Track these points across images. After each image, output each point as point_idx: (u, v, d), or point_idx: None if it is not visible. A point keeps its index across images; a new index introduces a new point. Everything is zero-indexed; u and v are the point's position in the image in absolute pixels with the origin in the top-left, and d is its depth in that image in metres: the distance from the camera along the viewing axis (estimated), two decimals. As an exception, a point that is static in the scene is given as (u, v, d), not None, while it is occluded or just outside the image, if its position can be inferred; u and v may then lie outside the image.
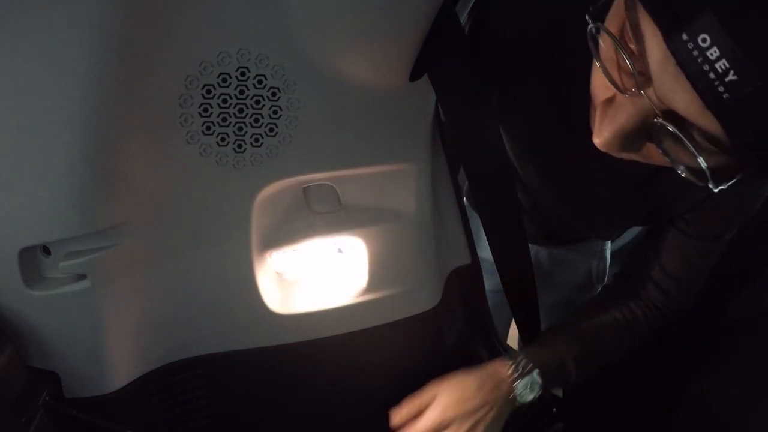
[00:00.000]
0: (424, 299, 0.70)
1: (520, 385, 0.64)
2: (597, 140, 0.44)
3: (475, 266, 0.76)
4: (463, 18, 0.69)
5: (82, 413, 0.55)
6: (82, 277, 0.52)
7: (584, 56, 0.44)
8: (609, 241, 1.02)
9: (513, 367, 0.65)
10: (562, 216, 0.80)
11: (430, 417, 0.63)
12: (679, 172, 0.42)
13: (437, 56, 0.54)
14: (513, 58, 0.63)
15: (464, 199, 0.81)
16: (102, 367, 0.57)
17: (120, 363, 0.58)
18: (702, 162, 0.38)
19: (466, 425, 0.63)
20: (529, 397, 0.65)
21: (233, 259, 0.59)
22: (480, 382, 0.64)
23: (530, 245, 0.97)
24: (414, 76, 0.55)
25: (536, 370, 0.65)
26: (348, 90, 0.52)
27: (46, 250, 0.51)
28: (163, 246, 0.55)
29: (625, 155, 0.47)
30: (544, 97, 0.64)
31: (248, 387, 0.67)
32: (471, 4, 0.62)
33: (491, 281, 0.77)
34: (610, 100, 0.43)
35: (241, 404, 0.68)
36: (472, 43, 0.62)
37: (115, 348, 0.57)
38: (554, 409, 0.80)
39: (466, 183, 0.85)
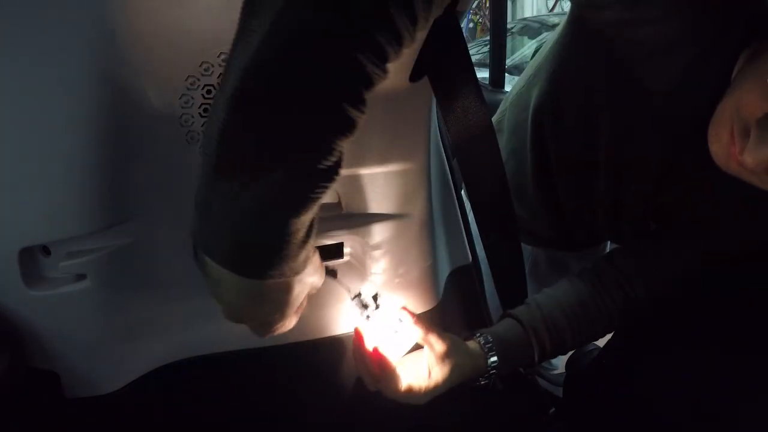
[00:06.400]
0: (424, 299, 0.70)
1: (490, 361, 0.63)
2: (749, 158, 0.44)
3: (475, 266, 0.76)
4: (463, 19, 0.69)
5: (82, 413, 0.55)
6: (82, 277, 0.52)
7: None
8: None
9: (484, 346, 0.64)
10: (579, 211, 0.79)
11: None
12: None
13: (437, 56, 0.54)
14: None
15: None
16: (102, 367, 0.57)
17: (120, 363, 0.58)
18: None
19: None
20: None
21: (233, 259, 0.58)
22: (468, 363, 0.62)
23: (533, 247, 0.97)
24: (414, 76, 0.55)
25: (495, 352, 0.63)
26: (348, 90, 0.52)
27: (46, 250, 0.51)
28: (163, 246, 0.55)
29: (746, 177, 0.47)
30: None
31: (247, 387, 0.67)
32: (471, 5, 0.62)
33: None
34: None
35: (241, 404, 0.68)
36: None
37: (115, 348, 0.57)
38: (553, 409, 0.80)
39: (466, 182, 0.85)
